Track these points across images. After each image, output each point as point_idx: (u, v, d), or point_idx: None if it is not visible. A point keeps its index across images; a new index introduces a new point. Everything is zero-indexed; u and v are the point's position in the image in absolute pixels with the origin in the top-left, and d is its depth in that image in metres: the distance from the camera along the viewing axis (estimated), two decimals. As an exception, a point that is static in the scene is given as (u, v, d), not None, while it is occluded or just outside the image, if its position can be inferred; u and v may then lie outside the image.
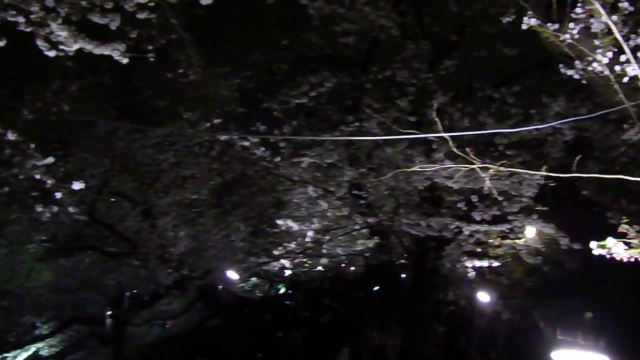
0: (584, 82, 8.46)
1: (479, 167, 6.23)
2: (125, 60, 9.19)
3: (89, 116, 14.77)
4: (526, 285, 20.54)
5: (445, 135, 5.86)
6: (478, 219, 13.96)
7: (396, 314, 17.14)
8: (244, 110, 15.65)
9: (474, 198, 13.85)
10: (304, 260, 17.61)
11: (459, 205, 14.29)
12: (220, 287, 18.82)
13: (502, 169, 5.87)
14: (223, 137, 14.45)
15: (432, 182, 13.93)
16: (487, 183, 8.61)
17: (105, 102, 15.61)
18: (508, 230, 14.89)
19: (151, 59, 10.87)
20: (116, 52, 8.99)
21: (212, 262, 17.85)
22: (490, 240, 16.15)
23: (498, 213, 13.87)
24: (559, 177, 8.00)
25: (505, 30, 15.44)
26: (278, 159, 14.99)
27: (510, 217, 13.96)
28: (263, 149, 14.80)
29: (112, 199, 17.75)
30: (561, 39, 7.25)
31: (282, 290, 24.03)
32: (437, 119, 9.41)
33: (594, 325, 21.51)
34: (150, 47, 11.34)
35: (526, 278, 20.24)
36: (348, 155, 15.07)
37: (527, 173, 10.38)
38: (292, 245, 16.48)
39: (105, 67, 13.18)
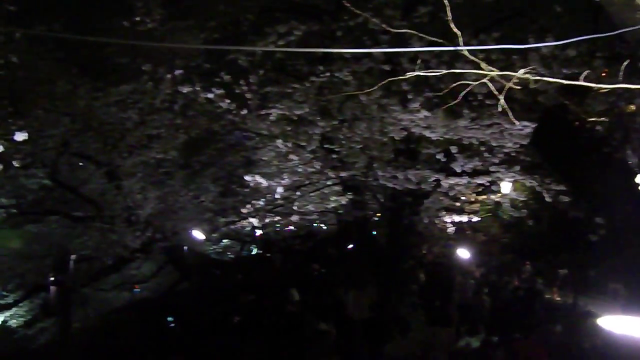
0: None
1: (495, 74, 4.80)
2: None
3: (43, 72, 13.51)
4: (503, 242, 19.42)
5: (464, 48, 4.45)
6: (458, 170, 12.75)
7: (371, 273, 15.89)
8: (209, 65, 14.27)
9: (454, 149, 12.60)
10: (275, 219, 16.28)
11: (438, 157, 13.03)
12: (185, 248, 17.47)
13: (527, 76, 4.48)
14: (186, 90, 13.04)
15: (408, 132, 12.65)
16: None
17: (63, 58, 14.55)
18: (488, 184, 13.68)
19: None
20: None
21: (180, 223, 16.88)
22: (470, 194, 14.97)
23: (480, 164, 12.64)
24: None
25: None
26: (245, 111, 13.64)
27: (492, 169, 12.74)
28: (228, 101, 13.45)
29: (75, 161, 16.59)
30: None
31: (254, 252, 22.77)
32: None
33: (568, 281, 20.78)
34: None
35: (503, 234, 19.12)
36: (319, 108, 13.74)
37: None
38: (261, 202, 15.14)
39: (55, 14, 11.72)
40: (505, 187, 15.03)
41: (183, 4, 14.62)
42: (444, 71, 4.97)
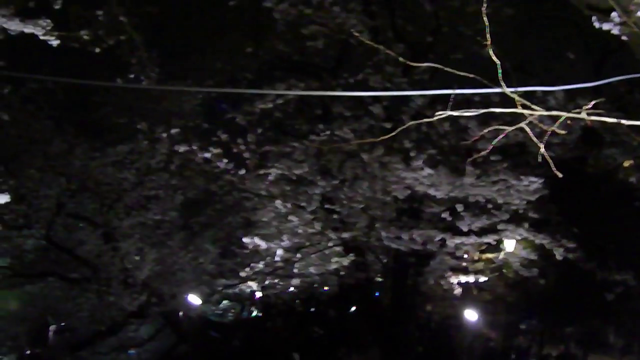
0: (624, 38, 6.39)
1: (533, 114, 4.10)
2: (55, 42, 7.21)
3: (37, 131, 13.04)
4: (508, 301, 18.54)
5: (507, 90, 3.78)
6: (465, 229, 12.00)
7: (374, 336, 15.03)
8: (207, 125, 13.76)
9: (459, 207, 11.89)
10: (275, 281, 15.45)
11: (443, 215, 12.29)
12: (180, 313, 16.65)
13: (582, 116, 3.80)
14: (183, 149, 12.45)
15: (412, 191, 11.96)
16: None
17: (59, 118, 14.14)
18: (495, 242, 12.94)
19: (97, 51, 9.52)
20: (39, 30, 6.95)
21: (178, 286, 16.10)
22: (476, 253, 14.20)
23: (487, 223, 11.92)
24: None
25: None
26: (243, 171, 13.00)
27: (500, 227, 12.00)
28: (226, 161, 12.83)
29: (71, 222, 15.84)
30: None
31: (255, 314, 21.88)
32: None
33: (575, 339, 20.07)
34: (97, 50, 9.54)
35: (511, 293, 18.25)
36: (319, 167, 13.10)
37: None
38: (261, 265, 14.33)
39: (48, 71, 11.20)
40: (510, 245, 14.39)
41: (180, 63, 14.15)
42: (481, 110, 4.30)
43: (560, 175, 3.82)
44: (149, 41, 12.64)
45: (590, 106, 3.94)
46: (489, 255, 14.79)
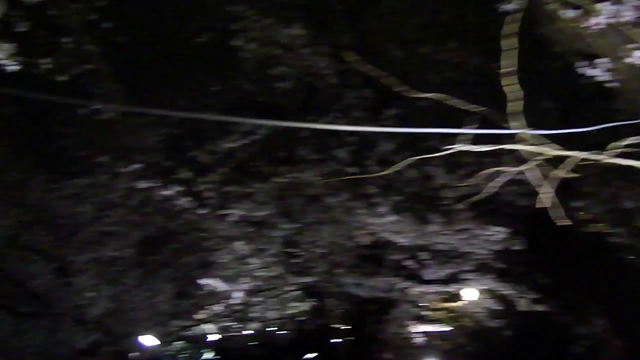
0: (614, 84, 6.15)
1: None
2: (14, 67, 6.78)
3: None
4: (469, 350, 18.11)
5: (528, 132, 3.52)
6: (428, 278, 11.63)
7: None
8: (169, 163, 13.26)
9: (424, 255, 11.54)
10: (231, 324, 14.89)
11: (407, 263, 11.91)
12: (130, 355, 15.96)
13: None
14: (143, 185, 11.95)
15: (376, 237, 11.58)
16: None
17: (17, 146, 13.21)
18: (457, 292, 12.59)
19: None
20: (1, 53, 6.53)
21: (133, 324, 15.62)
22: (439, 303, 13.82)
23: (451, 272, 11.58)
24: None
25: (450, 79, 13.71)
26: (204, 211, 12.51)
27: (464, 277, 11.66)
28: (187, 199, 12.32)
29: (24, 254, 14.89)
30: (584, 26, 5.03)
31: (206, 356, 21.14)
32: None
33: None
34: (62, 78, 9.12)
35: (469, 343, 17.83)
36: (281, 210, 12.66)
37: None
38: (218, 307, 13.74)
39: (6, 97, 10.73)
40: (470, 294, 14.07)
41: (145, 97, 13.70)
42: (496, 147, 4.06)
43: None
44: (116, 72, 12.22)
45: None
46: (451, 305, 14.44)
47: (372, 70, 13.79)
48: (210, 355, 21.07)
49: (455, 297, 13.76)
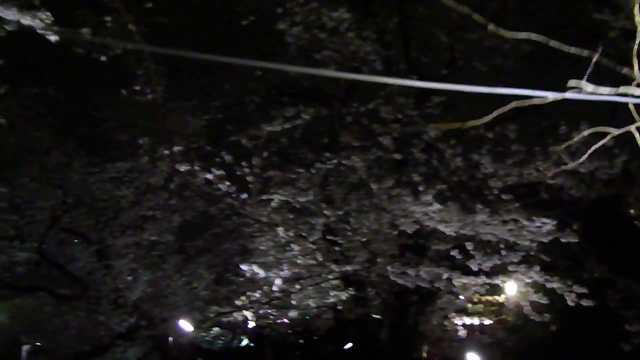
0: None
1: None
2: (53, 38, 6.53)
3: (36, 141, 12.39)
4: (509, 345, 17.51)
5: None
6: (475, 269, 11.16)
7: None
8: (211, 148, 13.01)
9: (469, 245, 11.07)
10: (270, 311, 14.53)
11: (452, 253, 11.44)
12: (170, 339, 15.71)
13: None
14: (184, 168, 11.67)
15: (420, 226, 11.14)
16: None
17: (59, 130, 13.41)
18: (502, 284, 12.10)
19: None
20: (38, 23, 6.26)
21: (170, 309, 15.21)
22: (482, 296, 13.34)
23: (498, 263, 11.10)
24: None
25: (498, 67, 13.27)
26: (245, 196, 12.20)
27: (510, 269, 11.17)
28: (228, 183, 12.01)
29: (64, 236, 14.83)
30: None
31: (244, 343, 20.86)
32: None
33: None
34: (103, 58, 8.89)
35: (510, 337, 17.23)
36: (323, 196, 12.30)
37: None
38: (257, 294, 13.37)
39: (48, 77, 10.55)
40: (511, 288, 13.62)
41: (187, 80, 13.45)
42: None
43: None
44: (157, 54, 11.98)
45: None
46: (495, 298, 13.95)
47: (418, 56, 13.44)
48: (245, 341, 20.83)
49: (499, 289, 13.32)
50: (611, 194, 11.29)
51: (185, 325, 15.03)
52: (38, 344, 15.77)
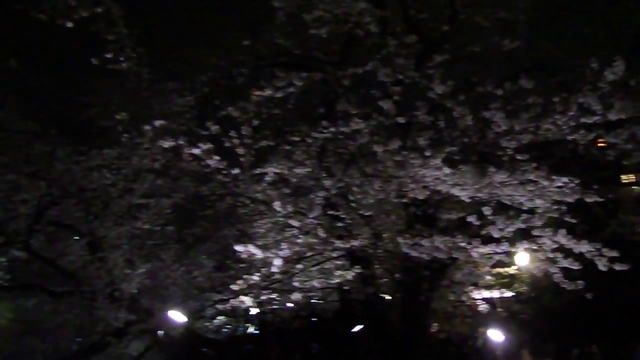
0: None
1: None
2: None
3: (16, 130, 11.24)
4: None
5: None
6: (496, 235, 9.63)
7: (382, 357, 12.59)
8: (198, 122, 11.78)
9: (487, 211, 9.55)
10: (272, 296, 13.08)
11: (469, 219, 9.91)
12: (160, 332, 14.36)
13: None
14: (167, 144, 10.21)
15: (432, 191, 9.64)
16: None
17: (41, 118, 12.95)
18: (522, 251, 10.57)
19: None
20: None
21: (169, 301, 14.15)
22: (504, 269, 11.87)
23: (522, 227, 9.59)
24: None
25: (501, 20, 11.90)
26: (236, 171, 10.73)
27: (535, 233, 9.63)
28: (218, 158, 10.54)
29: (52, 230, 13.61)
30: None
31: (250, 330, 19.59)
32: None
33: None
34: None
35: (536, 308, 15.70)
36: (322, 168, 10.83)
37: None
38: (256, 277, 11.85)
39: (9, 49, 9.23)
40: (522, 258, 12.28)
41: (171, 57, 12.14)
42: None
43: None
44: (140, 35, 10.67)
45: None
46: (509, 269, 12.50)
47: (416, 14, 11.98)
48: (250, 329, 19.66)
49: (520, 258, 11.88)
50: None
51: (178, 315, 13.68)
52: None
